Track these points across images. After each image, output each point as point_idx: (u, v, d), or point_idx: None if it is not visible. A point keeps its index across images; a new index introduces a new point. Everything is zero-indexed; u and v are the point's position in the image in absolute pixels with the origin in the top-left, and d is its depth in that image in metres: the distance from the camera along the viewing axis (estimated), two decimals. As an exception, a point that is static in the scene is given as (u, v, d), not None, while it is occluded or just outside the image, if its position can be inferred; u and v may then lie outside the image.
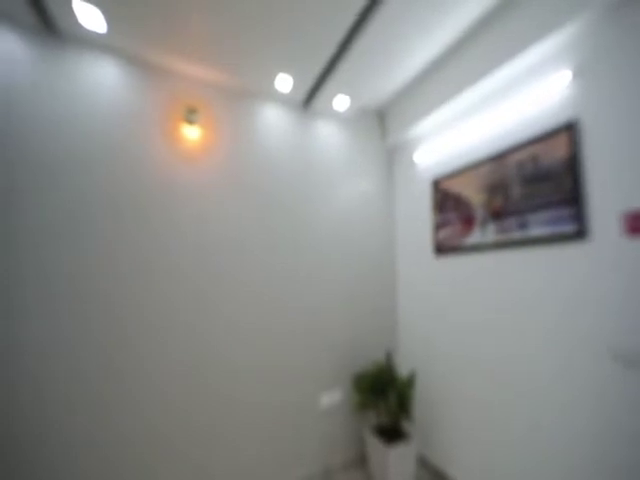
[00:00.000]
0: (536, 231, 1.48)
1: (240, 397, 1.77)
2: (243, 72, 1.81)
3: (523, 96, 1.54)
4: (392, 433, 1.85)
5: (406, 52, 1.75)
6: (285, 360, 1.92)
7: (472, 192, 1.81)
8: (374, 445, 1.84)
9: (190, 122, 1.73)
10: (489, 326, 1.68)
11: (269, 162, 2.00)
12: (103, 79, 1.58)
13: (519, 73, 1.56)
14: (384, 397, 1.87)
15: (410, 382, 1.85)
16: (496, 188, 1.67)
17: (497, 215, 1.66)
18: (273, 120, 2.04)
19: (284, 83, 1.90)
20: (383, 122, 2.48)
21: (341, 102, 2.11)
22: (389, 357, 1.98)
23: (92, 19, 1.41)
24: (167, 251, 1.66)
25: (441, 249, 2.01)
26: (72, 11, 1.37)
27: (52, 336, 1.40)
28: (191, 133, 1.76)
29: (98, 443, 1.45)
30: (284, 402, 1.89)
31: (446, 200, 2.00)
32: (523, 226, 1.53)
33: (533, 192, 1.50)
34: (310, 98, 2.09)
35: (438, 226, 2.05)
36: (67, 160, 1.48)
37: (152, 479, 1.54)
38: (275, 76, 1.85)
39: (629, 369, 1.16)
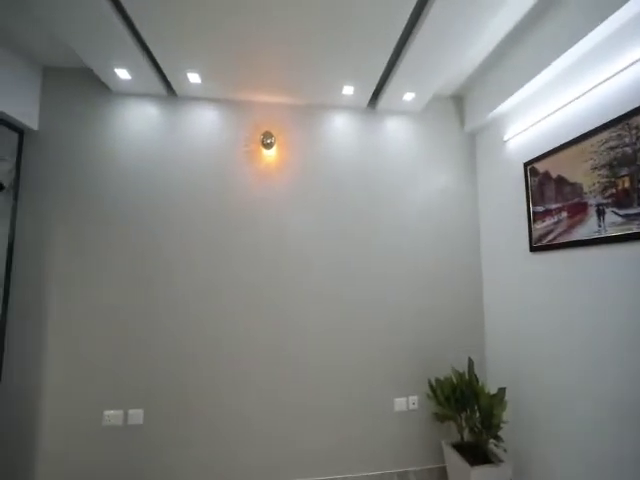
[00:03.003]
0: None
1: (312, 391, 1.87)
2: (311, 92, 1.94)
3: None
4: (476, 452, 1.64)
5: (480, 25, 1.48)
6: (359, 359, 1.93)
7: (582, 172, 1.43)
8: (455, 461, 1.67)
9: (266, 146, 1.94)
10: (607, 338, 1.30)
11: (339, 167, 2.05)
12: (203, 119, 1.95)
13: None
14: (465, 411, 1.68)
15: (498, 400, 1.60)
16: (619, 163, 1.28)
17: (622, 200, 1.27)
18: (340, 126, 2.08)
19: (349, 93, 1.93)
20: (461, 106, 2.22)
21: (410, 97, 1.98)
22: (471, 366, 1.76)
23: (195, 81, 1.81)
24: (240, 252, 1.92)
25: (539, 244, 1.66)
26: (187, 79, 1.79)
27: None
28: (268, 153, 1.97)
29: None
30: (356, 400, 1.90)
31: (545, 185, 1.64)
32: (666, 211, 1.12)
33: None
34: (376, 100, 2.06)
35: (535, 217, 1.70)
36: (181, 184, 1.89)
37: (231, 458, 1.79)
38: (341, 89, 1.90)
39: None
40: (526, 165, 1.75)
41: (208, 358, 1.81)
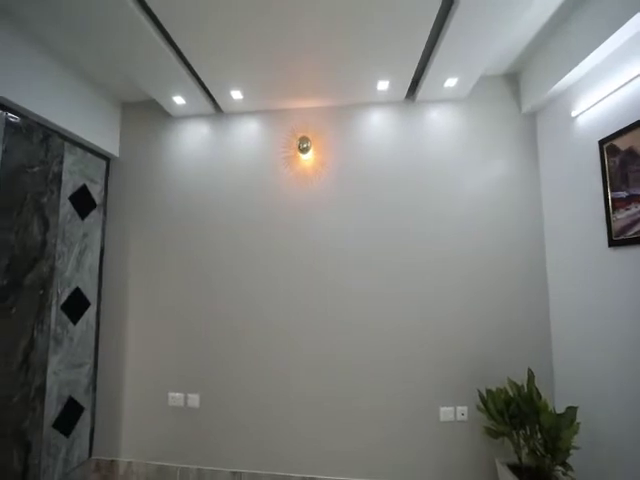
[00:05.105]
0: None
1: (352, 392, 1.87)
2: (344, 92, 1.94)
3: None
4: (537, 477, 1.43)
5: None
6: (404, 362, 1.87)
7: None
8: (512, 484, 1.49)
9: (303, 151, 1.99)
10: None
11: (377, 165, 1.99)
12: (245, 132, 2.12)
13: None
14: (523, 429, 1.48)
15: (567, 421, 1.37)
16: None
17: None
18: (376, 123, 2.03)
19: (384, 88, 1.87)
20: (516, 84, 1.96)
21: (452, 83, 1.83)
22: (531, 378, 1.54)
23: (238, 97, 1.98)
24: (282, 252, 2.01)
25: (622, 237, 1.37)
26: (230, 96, 1.97)
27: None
28: (305, 157, 2.03)
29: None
30: (396, 405, 1.84)
31: (629, 165, 1.35)
32: None
33: None
34: (415, 90, 1.96)
35: (616, 205, 1.41)
36: (227, 196, 2.08)
37: (266, 449, 1.88)
38: (375, 84, 1.85)
39: None
40: (602, 143, 1.46)
41: (250, 357, 1.96)
